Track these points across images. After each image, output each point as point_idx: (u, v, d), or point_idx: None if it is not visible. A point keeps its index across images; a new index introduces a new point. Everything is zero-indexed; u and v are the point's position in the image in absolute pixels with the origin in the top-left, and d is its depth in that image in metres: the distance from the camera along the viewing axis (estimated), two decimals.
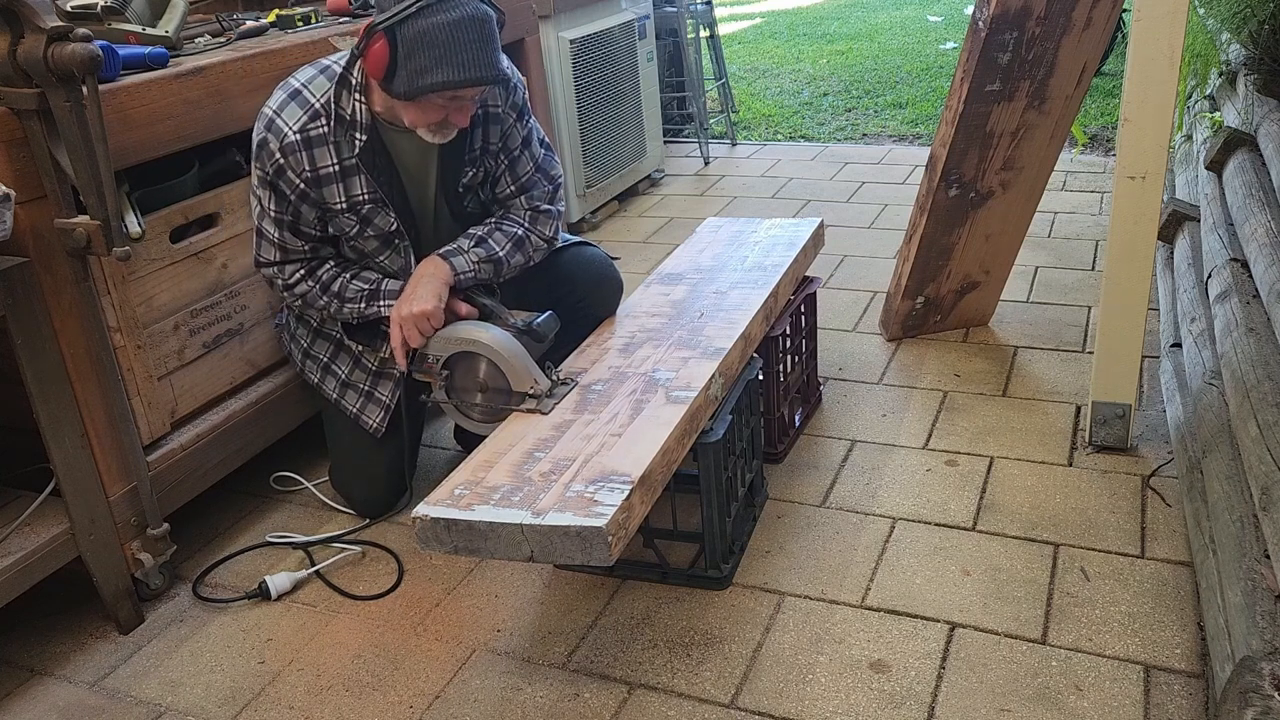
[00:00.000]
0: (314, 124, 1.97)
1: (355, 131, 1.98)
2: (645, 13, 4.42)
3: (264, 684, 1.88)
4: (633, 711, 1.75)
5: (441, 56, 1.80)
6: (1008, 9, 2.45)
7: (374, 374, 2.25)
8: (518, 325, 2.03)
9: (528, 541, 1.59)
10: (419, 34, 1.80)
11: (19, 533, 1.90)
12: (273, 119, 1.97)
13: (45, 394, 1.83)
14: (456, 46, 1.81)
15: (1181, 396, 2.40)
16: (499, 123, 2.10)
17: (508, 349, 1.97)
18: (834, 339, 3.03)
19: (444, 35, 1.80)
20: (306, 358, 2.28)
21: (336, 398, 2.26)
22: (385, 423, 2.26)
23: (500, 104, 2.09)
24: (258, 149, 2.00)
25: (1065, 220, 3.83)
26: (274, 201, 2.03)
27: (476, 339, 2.00)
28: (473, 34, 1.82)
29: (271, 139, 1.97)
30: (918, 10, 9.19)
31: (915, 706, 1.71)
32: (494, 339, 1.98)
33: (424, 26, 1.80)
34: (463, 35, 1.81)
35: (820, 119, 5.73)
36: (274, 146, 1.97)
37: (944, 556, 2.07)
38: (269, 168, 1.99)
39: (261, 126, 1.99)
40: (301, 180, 1.99)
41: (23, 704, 1.88)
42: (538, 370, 1.96)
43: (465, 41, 1.81)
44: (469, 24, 1.81)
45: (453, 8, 1.81)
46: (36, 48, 1.67)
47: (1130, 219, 2.13)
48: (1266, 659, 1.39)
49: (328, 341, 2.25)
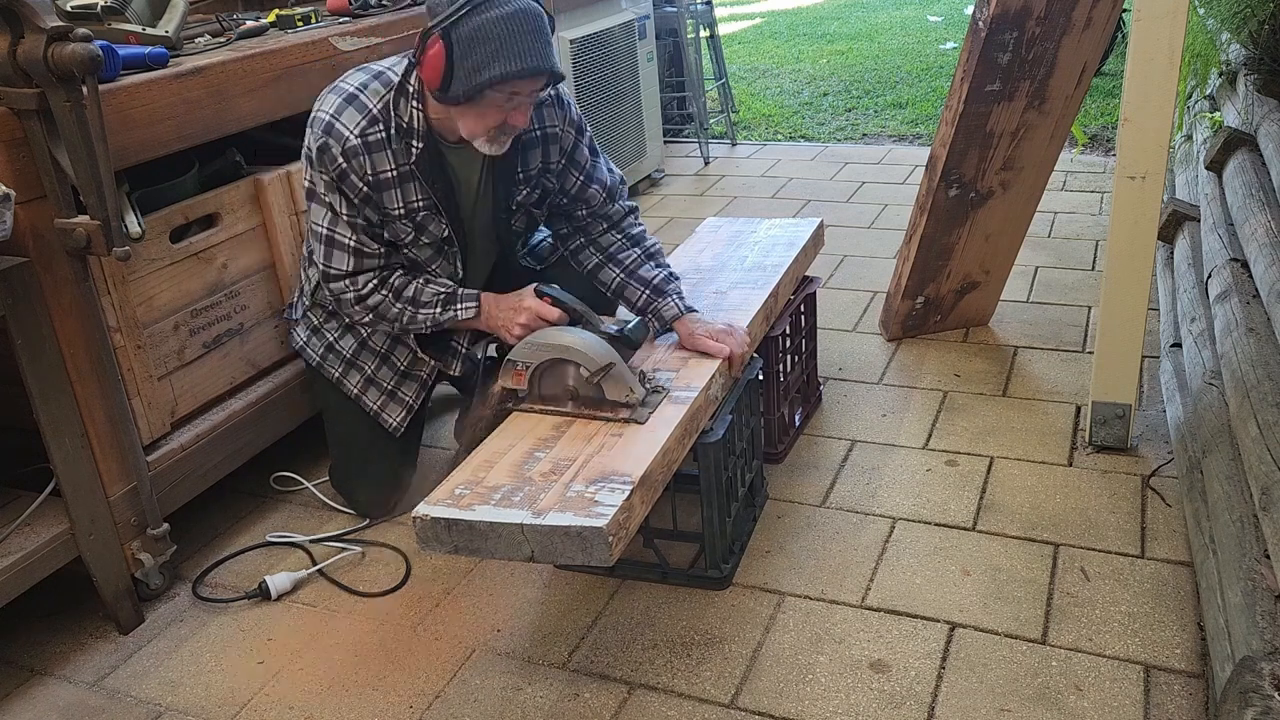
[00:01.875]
0: (372, 129, 1.94)
1: (412, 139, 1.96)
2: (645, 13, 4.42)
3: (264, 684, 1.88)
4: (633, 711, 1.75)
5: (498, 49, 1.79)
6: (1008, 9, 2.45)
7: (401, 373, 2.24)
8: (611, 331, 1.96)
9: (528, 541, 1.59)
10: (473, 31, 1.79)
11: (19, 533, 1.90)
12: (331, 123, 1.94)
13: (45, 394, 1.83)
14: (512, 38, 1.80)
15: (1181, 396, 2.40)
16: (558, 141, 2.11)
17: (604, 357, 1.87)
18: (834, 339, 3.03)
19: (499, 29, 1.79)
20: (330, 352, 2.25)
21: (357, 393, 2.25)
22: (406, 422, 2.26)
23: (558, 123, 2.10)
24: (318, 154, 1.96)
25: (1065, 220, 3.83)
26: (345, 205, 1.99)
27: (570, 346, 1.88)
28: (527, 25, 1.81)
29: (333, 143, 1.94)
30: (918, 10, 9.19)
31: (915, 706, 1.71)
32: (589, 346, 1.88)
33: (478, 23, 1.79)
34: (517, 27, 1.80)
35: (820, 119, 5.73)
36: (336, 151, 1.93)
37: (944, 556, 2.07)
38: (332, 172, 1.96)
39: (320, 131, 1.95)
40: (364, 184, 1.96)
41: (23, 704, 1.88)
42: (633, 378, 1.88)
43: (520, 33, 1.80)
44: (522, 16, 1.81)
45: (505, 2, 1.80)
46: (36, 48, 1.67)
47: (1130, 219, 2.13)
48: (1266, 659, 1.39)
49: (355, 338, 2.24)
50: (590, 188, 2.19)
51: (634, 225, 2.26)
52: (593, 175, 2.19)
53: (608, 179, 2.22)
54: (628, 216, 2.26)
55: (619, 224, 2.24)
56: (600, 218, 2.23)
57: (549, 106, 2.09)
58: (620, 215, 2.24)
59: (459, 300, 2.09)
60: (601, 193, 2.20)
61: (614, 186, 2.23)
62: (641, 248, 2.21)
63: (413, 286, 2.09)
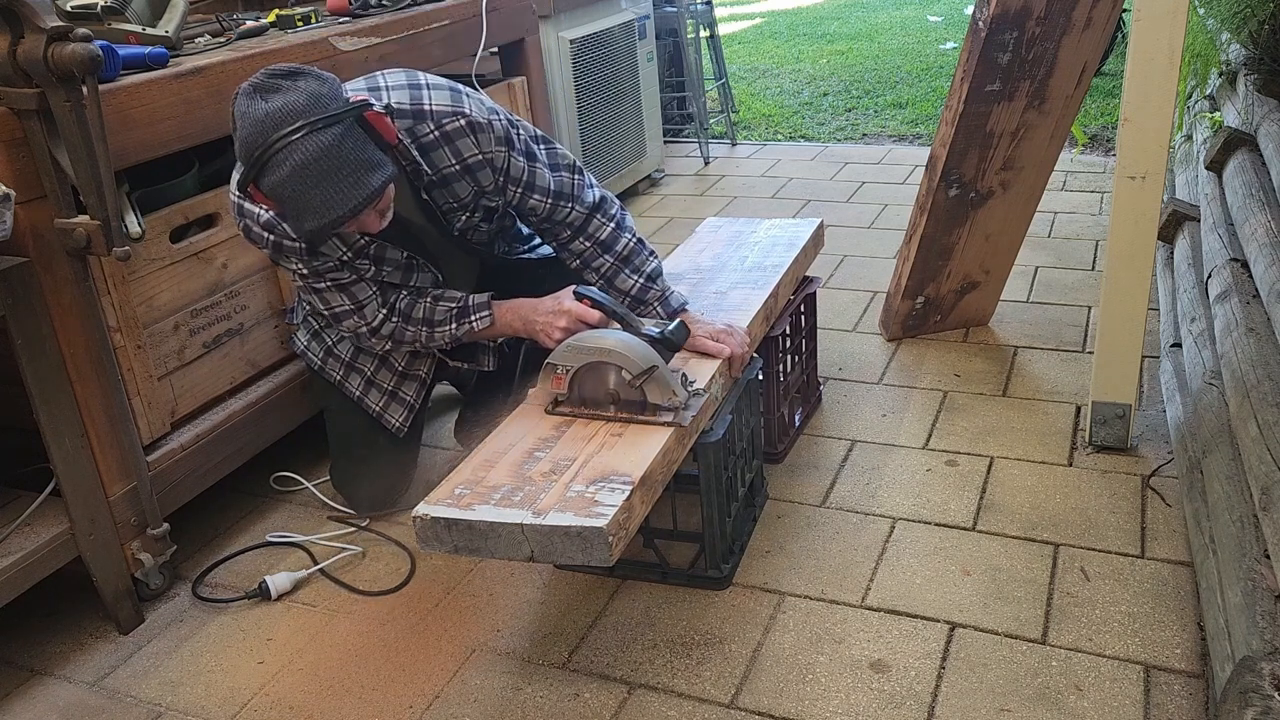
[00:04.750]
0: None
1: None
2: (645, 13, 4.42)
3: (264, 684, 1.88)
4: (633, 711, 1.75)
5: (300, 210, 1.68)
6: (1008, 9, 2.45)
7: (400, 374, 2.24)
8: (652, 334, 1.92)
9: (528, 541, 1.59)
10: (272, 192, 1.69)
11: (19, 533, 1.90)
12: (240, 205, 1.90)
13: (45, 394, 1.83)
14: (307, 196, 1.67)
15: (1181, 396, 2.40)
16: (486, 165, 1.96)
17: (647, 359, 1.83)
18: (834, 339, 3.03)
19: (288, 190, 1.67)
20: (329, 356, 2.25)
21: (359, 396, 2.25)
22: (409, 422, 2.26)
23: (477, 151, 1.93)
24: (245, 235, 1.93)
25: (1065, 220, 3.83)
26: (298, 263, 1.95)
27: (612, 349, 1.84)
28: (317, 176, 1.66)
29: (250, 223, 1.90)
30: (918, 10, 9.19)
31: (915, 706, 1.71)
32: (631, 349, 1.84)
33: (272, 184, 1.68)
34: (307, 183, 1.66)
35: (820, 119, 5.73)
36: (256, 228, 1.90)
37: (944, 556, 2.07)
38: (267, 246, 1.93)
39: (235, 214, 1.92)
40: (300, 243, 1.91)
41: (23, 704, 1.88)
42: (676, 381, 1.85)
43: (313, 188, 1.66)
44: (309, 169, 1.65)
45: (287, 155, 1.65)
46: (36, 48, 1.67)
47: (1130, 219, 2.13)
48: (1266, 659, 1.39)
49: (351, 342, 2.22)
50: (531, 198, 2.03)
51: (602, 227, 2.10)
52: (533, 184, 2.02)
53: (551, 182, 2.04)
54: (592, 218, 2.09)
55: (583, 229, 2.09)
56: (560, 225, 2.09)
57: (463, 137, 1.91)
58: (581, 219, 2.08)
59: (472, 312, 2.07)
60: (545, 201, 2.03)
61: (563, 188, 2.06)
62: (613, 254, 2.09)
63: (420, 307, 2.07)
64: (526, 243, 2.35)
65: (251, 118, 1.66)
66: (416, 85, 1.92)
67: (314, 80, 1.69)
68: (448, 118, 1.90)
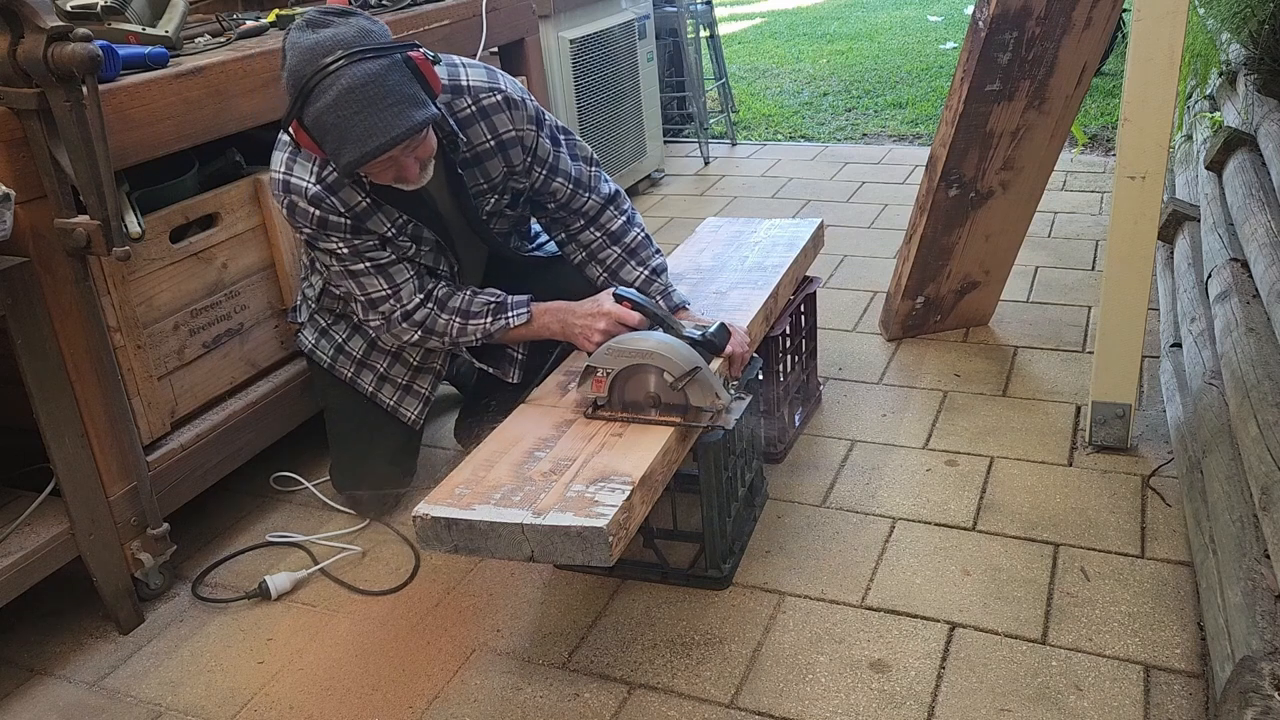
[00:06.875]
0: (326, 171, 1.91)
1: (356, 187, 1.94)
2: (645, 13, 4.42)
3: (264, 684, 1.88)
4: (633, 711, 1.75)
5: (341, 138, 1.71)
6: (1008, 9, 2.45)
7: (414, 368, 2.25)
8: (694, 336, 1.92)
9: (528, 541, 1.59)
10: (314, 122, 1.72)
11: (19, 533, 1.90)
12: (286, 180, 1.92)
13: (45, 394, 1.83)
14: (350, 124, 1.70)
15: (1181, 396, 2.40)
16: (518, 143, 2.04)
17: (689, 361, 1.81)
18: (834, 339, 3.03)
19: (332, 117, 1.70)
20: (340, 353, 2.25)
21: (372, 392, 2.25)
22: (424, 415, 2.27)
23: (512, 126, 2.02)
24: (289, 213, 1.95)
25: (1065, 220, 3.83)
26: (342, 244, 1.96)
27: (653, 351, 1.82)
28: (361, 102, 1.69)
29: (297, 199, 1.92)
30: (918, 10, 9.19)
31: (915, 706, 1.71)
32: (673, 351, 1.82)
33: (315, 114, 1.71)
34: (352, 107, 1.69)
35: (820, 119, 5.73)
36: (303, 204, 1.92)
37: (944, 556, 2.07)
38: (312, 224, 1.94)
39: (280, 191, 1.94)
40: (345, 218, 1.94)
41: (23, 704, 1.88)
42: (719, 383, 1.83)
43: (358, 112, 1.69)
44: (354, 94, 1.69)
45: (334, 80, 1.68)
46: (36, 48, 1.67)
47: (1130, 219, 2.13)
48: (1266, 659, 1.39)
49: (364, 338, 2.23)
50: (554, 180, 2.10)
51: (614, 219, 2.18)
52: (556, 168, 2.10)
53: (573, 169, 2.12)
54: (606, 209, 2.17)
55: (596, 219, 2.17)
56: (574, 213, 2.16)
57: (500, 113, 2.00)
58: (596, 209, 2.16)
59: (510, 309, 2.07)
60: (567, 185, 2.12)
61: (582, 176, 2.14)
62: (621, 245, 2.16)
63: (459, 297, 2.07)
64: (533, 241, 2.37)
65: (301, 46, 1.72)
66: (453, 63, 2.00)
67: (365, 20, 1.77)
68: (485, 93, 1.98)
